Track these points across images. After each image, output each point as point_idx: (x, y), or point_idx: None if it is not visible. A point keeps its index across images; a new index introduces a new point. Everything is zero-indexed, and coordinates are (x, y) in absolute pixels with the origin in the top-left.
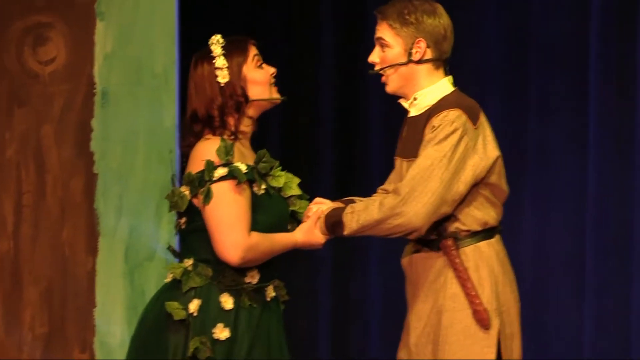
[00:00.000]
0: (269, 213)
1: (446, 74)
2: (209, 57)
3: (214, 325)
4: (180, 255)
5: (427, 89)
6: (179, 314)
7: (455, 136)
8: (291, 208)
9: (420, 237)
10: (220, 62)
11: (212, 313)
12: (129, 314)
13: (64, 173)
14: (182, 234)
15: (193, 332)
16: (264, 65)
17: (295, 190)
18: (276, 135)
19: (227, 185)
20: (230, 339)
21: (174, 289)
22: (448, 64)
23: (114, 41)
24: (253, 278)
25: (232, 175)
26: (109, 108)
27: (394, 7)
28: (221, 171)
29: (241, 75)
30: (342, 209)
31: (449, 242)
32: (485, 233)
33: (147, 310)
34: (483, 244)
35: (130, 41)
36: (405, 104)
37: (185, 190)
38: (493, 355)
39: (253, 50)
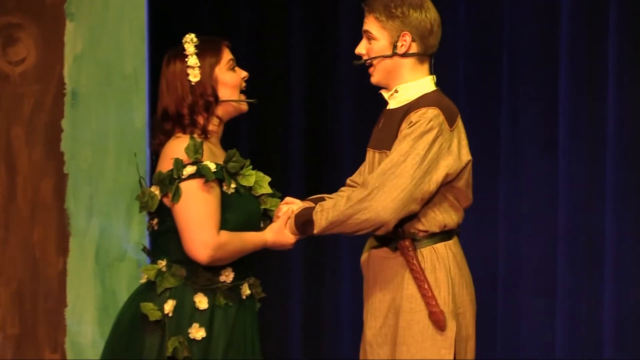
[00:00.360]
0: (240, 212)
1: (431, 72)
2: (182, 55)
3: (189, 325)
4: (153, 256)
5: (409, 83)
6: (154, 315)
7: (431, 135)
8: (263, 206)
9: (379, 236)
10: (193, 60)
11: (187, 313)
12: (100, 314)
13: (34, 174)
14: (154, 235)
15: (169, 332)
16: (236, 69)
17: (266, 189)
18: (246, 133)
19: (196, 183)
20: (206, 338)
21: (148, 290)
22: (433, 60)
23: (84, 42)
24: (227, 277)
25: (201, 173)
26: (79, 109)
27: (382, 1)
28: (190, 169)
29: (213, 75)
30: (311, 208)
31: (407, 242)
32: (443, 235)
33: (122, 312)
34: (440, 245)
35: (100, 42)
36: (385, 95)
37: (156, 190)
38: (450, 356)
39: (227, 53)
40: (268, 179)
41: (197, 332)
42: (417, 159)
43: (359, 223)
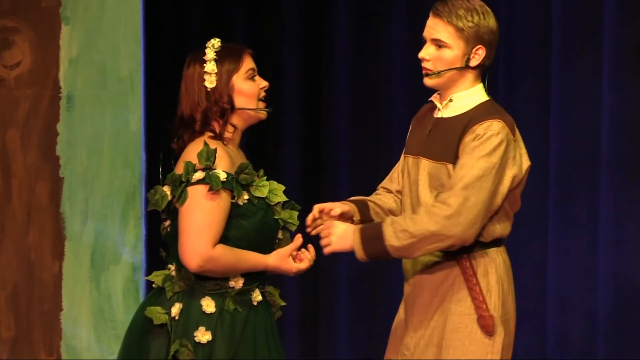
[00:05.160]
0: (252, 220)
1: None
2: (201, 60)
3: (195, 329)
4: (166, 260)
5: (464, 92)
6: (159, 319)
7: (502, 148)
8: (276, 217)
9: None
10: (210, 67)
11: (193, 316)
12: (95, 317)
13: (29, 177)
14: (166, 239)
15: (174, 335)
16: (256, 78)
17: (281, 197)
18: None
19: (203, 190)
20: (211, 342)
21: (158, 295)
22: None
23: (80, 45)
24: (237, 283)
25: (208, 180)
26: (74, 112)
27: (455, 7)
28: (199, 175)
29: (230, 83)
30: (377, 222)
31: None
32: (495, 242)
33: (134, 317)
34: (492, 250)
35: (96, 45)
36: (438, 103)
37: (168, 190)
38: None
39: (247, 61)
40: (282, 187)
41: (203, 336)
42: (493, 172)
43: (443, 239)
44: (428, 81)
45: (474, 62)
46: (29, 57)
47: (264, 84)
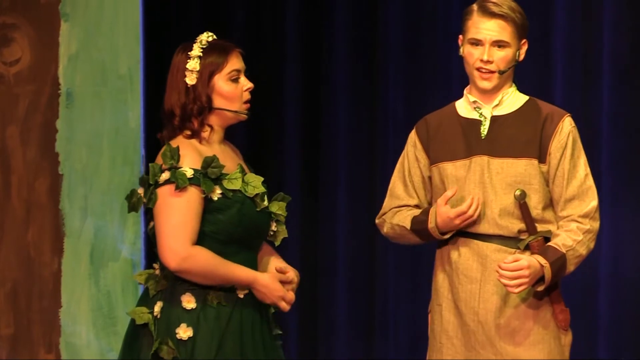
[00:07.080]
0: (228, 213)
1: None
2: (186, 55)
3: (177, 325)
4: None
5: (510, 88)
6: (142, 318)
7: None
8: (258, 209)
9: (497, 235)
10: (192, 64)
11: (174, 313)
12: (95, 314)
13: (29, 174)
14: (152, 239)
15: (157, 334)
16: (241, 79)
17: (260, 189)
18: (242, 137)
19: (171, 189)
20: (192, 338)
21: (145, 294)
22: None
23: (79, 42)
24: None
25: (174, 179)
26: (73, 109)
27: (504, 4)
28: (165, 175)
29: (210, 83)
30: (559, 254)
31: (540, 240)
32: None
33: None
34: None
35: (95, 42)
36: (489, 104)
37: (141, 192)
38: (568, 357)
39: (233, 61)
40: (261, 178)
41: (185, 332)
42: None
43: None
44: (489, 84)
45: (521, 57)
46: (28, 53)
47: (249, 85)
